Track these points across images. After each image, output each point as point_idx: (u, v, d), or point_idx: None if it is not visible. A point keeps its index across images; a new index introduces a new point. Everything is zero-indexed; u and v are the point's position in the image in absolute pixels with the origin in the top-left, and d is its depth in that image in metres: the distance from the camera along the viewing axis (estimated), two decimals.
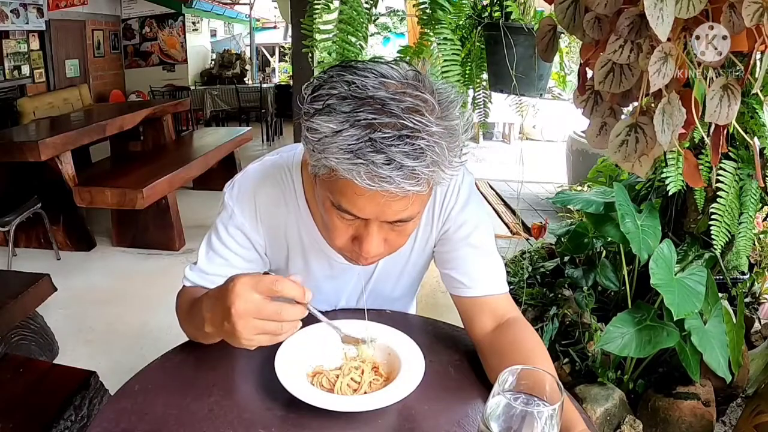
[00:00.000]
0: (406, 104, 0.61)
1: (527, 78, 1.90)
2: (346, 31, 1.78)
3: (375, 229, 0.71)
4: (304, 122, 0.65)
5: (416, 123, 0.60)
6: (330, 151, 0.62)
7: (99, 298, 2.87)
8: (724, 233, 1.59)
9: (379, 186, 0.61)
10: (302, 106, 0.67)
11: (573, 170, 4.59)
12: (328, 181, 0.68)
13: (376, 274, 0.99)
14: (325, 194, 0.71)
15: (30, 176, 3.32)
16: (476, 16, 2.02)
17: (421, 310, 1.28)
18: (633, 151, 1.06)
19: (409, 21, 3.61)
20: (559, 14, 1.15)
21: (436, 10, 1.76)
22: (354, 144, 0.60)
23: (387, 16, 3.69)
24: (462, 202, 0.90)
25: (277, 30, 11.26)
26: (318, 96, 0.65)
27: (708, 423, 1.71)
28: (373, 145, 0.60)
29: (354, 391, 0.78)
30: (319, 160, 0.65)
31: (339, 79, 0.65)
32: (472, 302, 0.90)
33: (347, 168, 0.61)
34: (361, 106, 0.61)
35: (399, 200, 0.65)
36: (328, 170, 0.65)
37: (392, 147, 0.59)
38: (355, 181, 0.61)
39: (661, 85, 0.93)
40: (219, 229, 0.90)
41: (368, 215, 0.68)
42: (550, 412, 0.56)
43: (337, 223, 0.72)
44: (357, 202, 0.66)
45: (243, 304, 0.63)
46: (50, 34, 6.20)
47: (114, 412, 0.74)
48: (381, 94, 0.62)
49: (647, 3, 0.86)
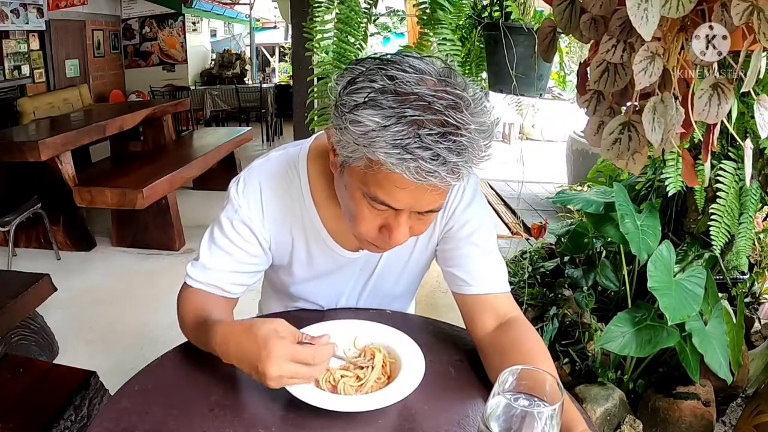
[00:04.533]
0: (446, 101, 0.64)
1: (527, 78, 1.90)
2: (344, 31, 1.78)
3: (404, 219, 0.73)
4: (344, 114, 0.66)
5: (457, 120, 0.63)
6: (377, 145, 0.63)
7: (99, 298, 2.87)
8: (723, 233, 1.59)
9: (426, 180, 0.63)
10: (337, 97, 0.69)
11: (573, 170, 4.59)
12: (364, 172, 0.69)
13: (379, 269, 0.99)
14: (356, 185, 0.72)
15: (30, 176, 3.32)
16: (476, 16, 2.02)
17: (421, 310, 1.28)
18: (626, 149, 1.07)
19: (409, 21, 3.61)
20: (557, 15, 1.15)
21: (436, 10, 1.76)
22: (402, 140, 0.62)
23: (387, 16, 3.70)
24: (466, 201, 0.91)
25: (277, 30, 11.27)
26: (357, 89, 0.66)
27: (708, 423, 1.71)
28: (420, 142, 0.62)
29: (357, 388, 0.78)
30: (357, 151, 0.66)
31: (379, 73, 0.66)
32: (474, 300, 0.90)
33: (396, 162, 0.63)
34: (406, 101, 0.63)
35: (433, 193, 0.68)
36: (368, 162, 0.67)
37: (438, 144, 0.62)
38: (404, 176, 0.63)
39: (646, 84, 0.94)
40: (223, 223, 0.89)
41: (403, 206, 0.71)
42: (551, 412, 0.56)
43: (366, 213, 0.74)
44: (396, 194, 0.68)
45: (277, 370, 0.68)
46: (50, 34, 6.20)
47: (114, 412, 0.74)
48: (423, 91, 0.64)
49: (629, 3, 0.86)
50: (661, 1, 0.86)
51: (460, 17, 1.92)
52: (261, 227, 0.90)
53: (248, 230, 0.89)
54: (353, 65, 0.71)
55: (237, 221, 0.88)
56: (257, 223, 0.89)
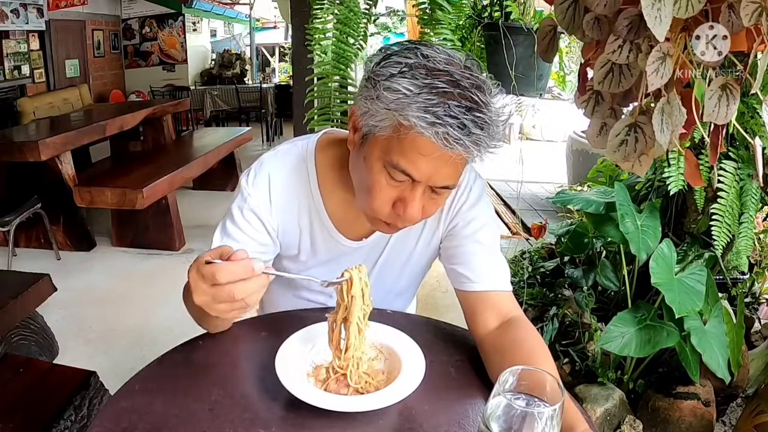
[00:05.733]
0: (472, 82, 0.70)
1: (527, 78, 1.90)
2: (343, 31, 1.78)
3: (420, 193, 0.76)
4: (377, 83, 0.71)
5: (481, 99, 0.70)
6: (410, 109, 0.68)
7: (99, 298, 2.87)
8: (724, 233, 1.59)
9: (451, 147, 0.68)
10: (369, 71, 0.75)
11: (573, 170, 4.59)
12: (389, 141, 0.73)
13: (381, 260, 1.00)
14: (378, 155, 0.75)
15: (30, 176, 3.31)
16: (476, 16, 2.02)
17: (421, 310, 1.28)
18: (632, 150, 1.06)
19: (409, 21, 3.61)
20: (559, 15, 1.15)
21: (436, 10, 1.76)
22: (432, 107, 0.67)
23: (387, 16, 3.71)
24: (472, 200, 0.94)
25: (277, 30, 11.26)
26: (392, 62, 0.72)
27: (708, 423, 1.71)
28: (449, 110, 0.67)
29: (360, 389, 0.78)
30: (387, 118, 0.71)
31: (413, 51, 0.72)
32: (476, 297, 0.91)
33: (426, 126, 0.67)
34: (437, 76, 0.69)
35: (450, 166, 0.72)
36: (397, 127, 0.70)
37: (464, 115, 0.68)
38: (431, 140, 0.68)
39: (659, 84, 0.94)
40: (234, 213, 0.92)
41: (421, 177, 0.73)
42: (551, 412, 0.56)
43: (384, 184, 0.76)
44: (418, 162, 0.72)
45: (200, 296, 0.66)
46: (50, 34, 6.20)
47: (114, 412, 0.74)
48: (452, 70, 0.70)
49: (645, 3, 0.86)
50: (672, 1, 0.86)
51: (460, 17, 1.93)
52: (269, 215, 0.92)
53: (257, 218, 0.91)
54: (387, 46, 0.77)
55: (246, 210, 0.91)
56: (265, 212, 0.91)
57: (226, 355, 0.88)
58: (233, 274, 0.64)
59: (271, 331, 0.94)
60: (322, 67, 1.87)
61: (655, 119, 0.97)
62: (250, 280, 0.65)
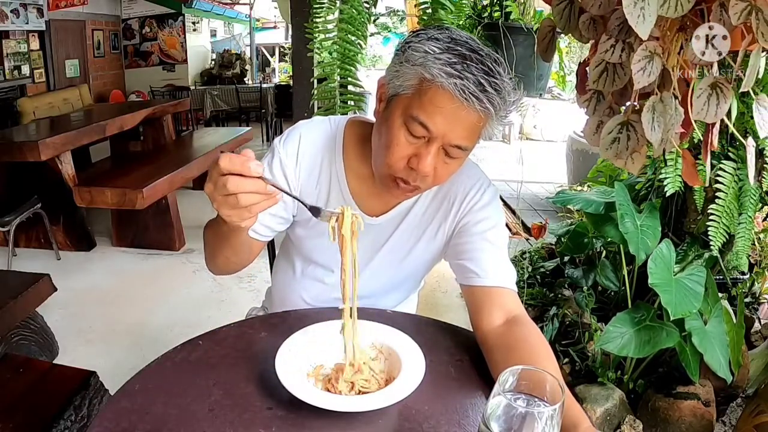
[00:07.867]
0: (491, 56, 0.80)
1: (527, 78, 1.91)
2: (346, 30, 1.78)
3: (434, 150, 0.81)
4: (406, 50, 0.80)
5: (497, 70, 0.78)
6: (433, 65, 0.76)
7: (99, 298, 2.87)
8: (722, 233, 1.59)
9: (467, 101, 0.76)
10: (398, 47, 0.84)
11: (573, 170, 4.59)
12: (412, 98, 0.80)
13: (387, 246, 1.02)
14: (399, 113, 0.81)
15: (30, 176, 3.31)
16: (476, 16, 2.02)
17: (421, 310, 1.28)
18: (624, 148, 1.07)
19: (409, 21, 3.61)
20: (556, 15, 1.16)
21: (437, 10, 1.77)
22: (453, 64, 0.76)
23: (387, 16, 3.70)
24: (485, 201, 0.98)
25: (277, 30, 11.26)
26: (419, 35, 0.82)
27: (708, 423, 1.71)
28: (468, 69, 0.76)
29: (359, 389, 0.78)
30: (411, 77, 0.79)
31: (439, 29, 0.82)
32: (483, 292, 0.92)
33: (446, 77, 0.75)
34: (459, 45, 0.78)
35: (464, 126, 0.79)
36: (420, 81, 0.78)
37: (482, 76, 0.76)
38: (450, 91, 0.75)
39: (645, 83, 0.95)
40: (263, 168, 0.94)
41: (438, 132, 0.79)
42: (551, 412, 0.56)
43: (402, 140, 0.82)
44: (435, 116, 0.78)
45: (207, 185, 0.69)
46: (50, 34, 6.19)
47: (114, 412, 0.74)
48: (474, 44, 0.80)
49: (626, 2, 0.87)
50: (659, 1, 0.86)
51: (460, 17, 1.93)
52: (294, 175, 0.97)
53: (282, 175, 0.96)
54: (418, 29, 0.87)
55: (275, 164, 0.96)
56: (291, 170, 0.97)
57: (226, 355, 0.88)
58: (231, 162, 0.66)
59: (271, 331, 0.94)
60: (324, 67, 1.87)
61: (644, 117, 0.98)
62: (246, 179, 0.66)
